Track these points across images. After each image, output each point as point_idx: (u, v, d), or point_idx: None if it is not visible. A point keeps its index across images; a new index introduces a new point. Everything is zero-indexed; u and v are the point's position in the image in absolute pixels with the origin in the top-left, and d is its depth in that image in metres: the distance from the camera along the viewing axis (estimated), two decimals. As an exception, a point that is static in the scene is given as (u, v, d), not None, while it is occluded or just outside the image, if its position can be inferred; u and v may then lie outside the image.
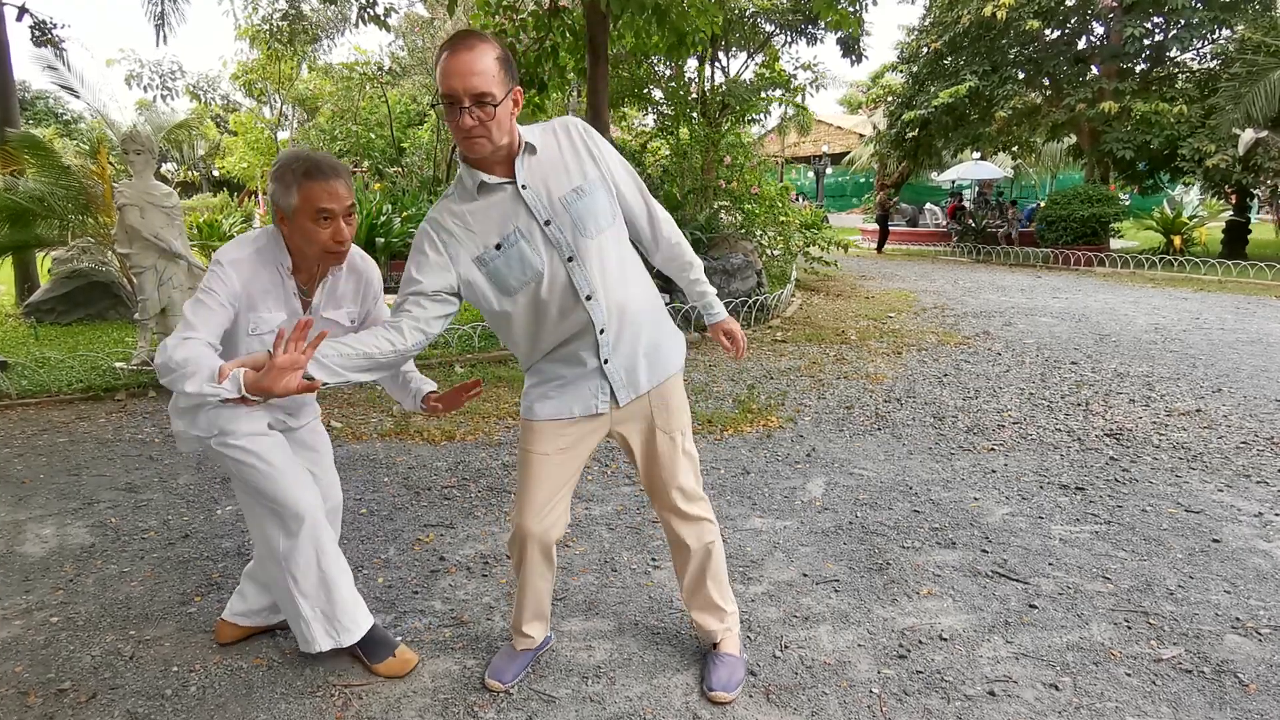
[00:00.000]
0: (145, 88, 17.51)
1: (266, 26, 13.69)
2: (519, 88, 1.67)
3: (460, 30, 1.61)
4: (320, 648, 1.99)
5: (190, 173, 29.67)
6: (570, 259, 1.70)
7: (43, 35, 9.09)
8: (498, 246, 1.69)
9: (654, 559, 2.69)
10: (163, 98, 18.14)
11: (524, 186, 1.68)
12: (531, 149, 1.70)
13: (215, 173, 28.77)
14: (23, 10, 8.72)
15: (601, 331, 1.75)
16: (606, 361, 1.78)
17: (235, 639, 2.18)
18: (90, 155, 7.71)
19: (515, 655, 2.03)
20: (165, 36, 8.67)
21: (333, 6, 7.56)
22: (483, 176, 1.68)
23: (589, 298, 1.72)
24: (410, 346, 1.68)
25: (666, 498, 1.93)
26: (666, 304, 1.97)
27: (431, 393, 2.01)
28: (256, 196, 21.80)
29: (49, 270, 8.54)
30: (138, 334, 5.65)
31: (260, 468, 1.88)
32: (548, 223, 1.69)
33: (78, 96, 9.00)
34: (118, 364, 5.42)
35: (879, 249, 17.17)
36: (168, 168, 27.76)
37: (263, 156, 20.06)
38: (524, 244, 1.69)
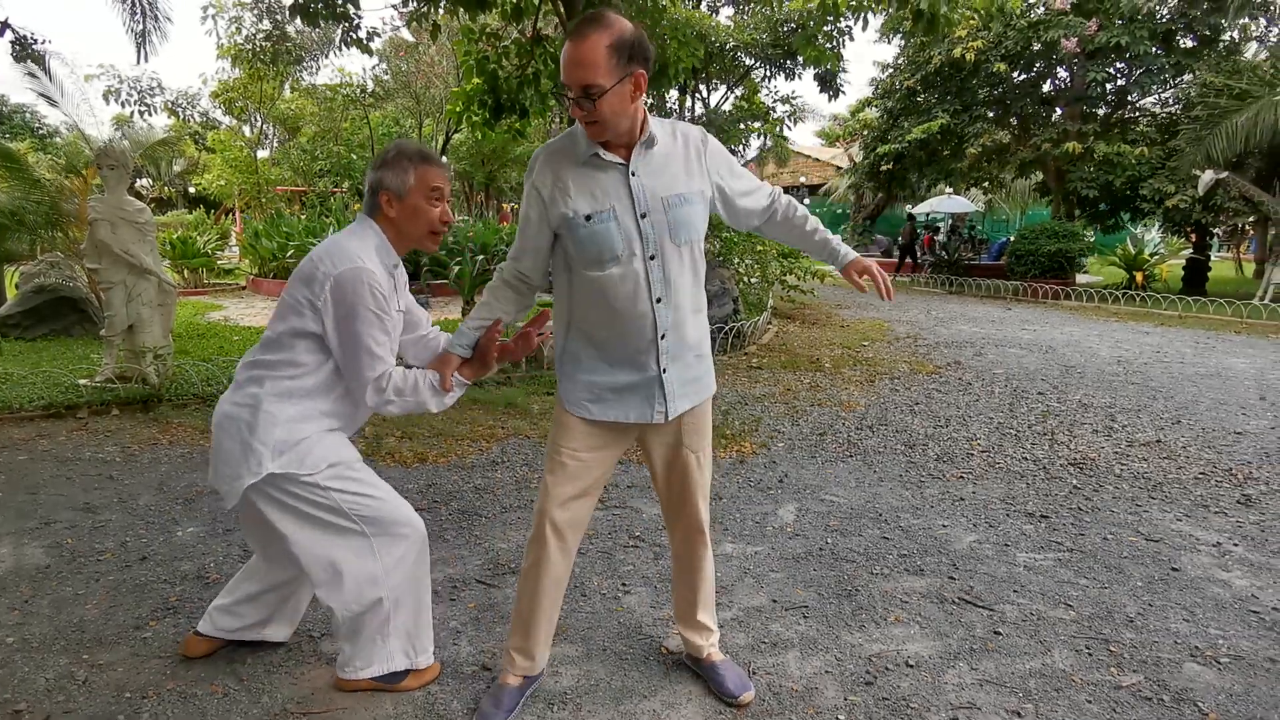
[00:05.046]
0: (124, 103, 17.26)
1: (249, 46, 13.71)
2: (641, 71, 1.62)
3: (587, 13, 1.61)
4: (395, 667, 1.98)
5: (166, 189, 29.29)
6: (653, 257, 1.71)
7: (23, 51, 8.97)
8: (588, 218, 1.69)
9: (624, 584, 2.68)
10: (141, 114, 17.93)
11: (634, 173, 1.70)
12: (652, 140, 1.71)
13: (191, 189, 28.44)
14: (3, 25, 8.62)
15: (663, 337, 1.75)
16: (665, 370, 1.78)
17: (207, 652, 2.14)
18: (66, 171, 7.62)
19: (506, 691, 1.94)
20: (146, 55, 8.61)
21: (316, 29, 7.59)
22: (599, 149, 1.69)
23: (659, 300, 1.73)
24: (530, 303, 1.94)
25: (685, 511, 1.97)
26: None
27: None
28: (233, 214, 21.57)
29: (15, 284, 8.37)
30: (103, 350, 5.54)
31: (375, 493, 1.90)
32: (644, 215, 1.70)
33: (56, 106, 8.91)
34: (81, 380, 5.31)
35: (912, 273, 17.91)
36: (142, 183, 27.40)
37: (241, 174, 19.88)
38: (613, 225, 1.69)
